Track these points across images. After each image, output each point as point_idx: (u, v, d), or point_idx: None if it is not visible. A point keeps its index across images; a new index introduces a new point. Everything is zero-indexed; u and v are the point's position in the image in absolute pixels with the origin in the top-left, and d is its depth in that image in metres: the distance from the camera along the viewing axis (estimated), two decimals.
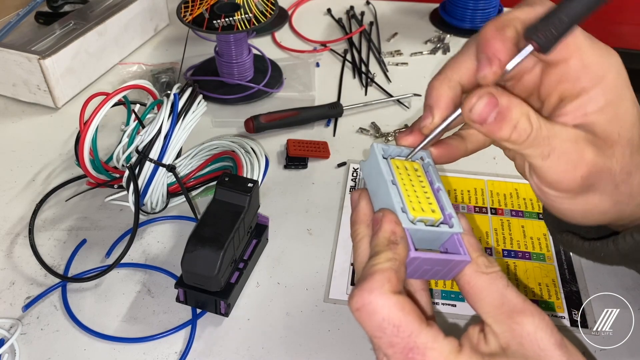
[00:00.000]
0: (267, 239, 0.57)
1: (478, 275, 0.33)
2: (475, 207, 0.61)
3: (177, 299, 0.50)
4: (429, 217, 0.34)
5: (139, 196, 0.55)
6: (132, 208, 0.55)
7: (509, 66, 0.34)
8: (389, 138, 0.71)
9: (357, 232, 0.35)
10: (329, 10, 0.99)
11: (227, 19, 0.72)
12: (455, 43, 0.91)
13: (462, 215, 0.36)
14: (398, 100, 0.78)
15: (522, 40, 0.34)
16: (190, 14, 0.74)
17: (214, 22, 0.72)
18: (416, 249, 0.33)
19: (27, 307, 0.51)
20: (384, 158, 0.36)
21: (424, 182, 0.37)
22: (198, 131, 0.60)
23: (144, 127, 0.57)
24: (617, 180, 0.36)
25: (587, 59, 0.35)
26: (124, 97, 0.57)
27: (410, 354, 0.29)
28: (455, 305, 0.52)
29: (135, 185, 0.54)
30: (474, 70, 0.36)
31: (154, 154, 0.54)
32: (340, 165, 0.67)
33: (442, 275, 0.35)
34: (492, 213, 0.61)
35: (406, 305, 0.30)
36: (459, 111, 0.35)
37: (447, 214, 0.35)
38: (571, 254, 0.56)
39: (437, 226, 0.35)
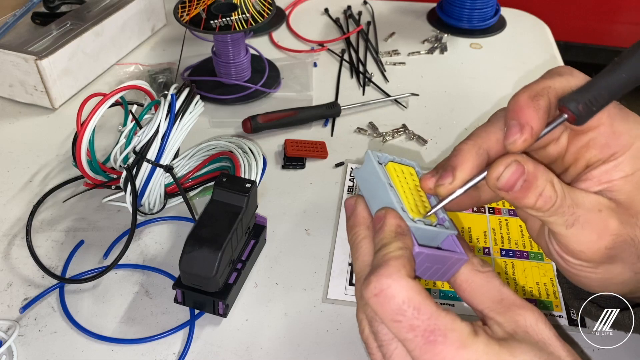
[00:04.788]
0: (265, 240, 0.57)
1: (475, 274, 0.34)
2: None
3: (175, 300, 0.50)
4: (427, 219, 0.35)
5: (137, 197, 0.55)
6: (130, 209, 0.55)
7: (539, 136, 0.33)
8: (387, 138, 0.71)
9: (358, 234, 0.36)
10: (326, 10, 0.99)
11: (224, 19, 0.72)
12: (453, 42, 0.91)
13: (451, 220, 0.37)
14: (396, 100, 0.78)
15: (554, 109, 0.34)
16: (187, 14, 0.74)
17: (211, 22, 0.72)
18: (420, 245, 0.33)
19: (24, 308, 0.51)
20: (379, 163, 0.37)
21: (419, 186, 0.37)
22: (195, 132, 0.60)
23: (141, 127, 0.57)
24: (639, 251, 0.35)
25: (617, 127, 0.35)
26: (121, 97, 0.57)
27: (431, 336, 0.29)
28: (453, 305, 0.52)
29: (133, 186, 0.54)
30: (502, 141, 0.35)
31: (151, 154, 0.54)
32: (338, 165, 0.67)
33: (440, 275, 0.35)
34: (489, 212, 0.61)
35: (422, 290, 0.30)
36: (480, 176, 0.34)
37: (440, 217, 0.36)
38: None
39: (435, 226, 0.35)
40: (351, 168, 0.67)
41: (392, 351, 0.32)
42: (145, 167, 0.54)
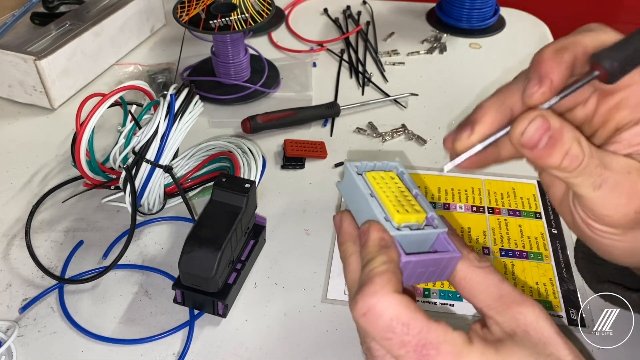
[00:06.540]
0: (265, 240, 0.57)
1: (473, 270, 0.34)
2: (472, 206, 0.61)
3: (175, 300, 0.50)
4: (413, 222, 0.35)
5: (136, 197, 0.55)
6: (129, 209, 0.55)
7: (566, 92, 0.31)
8: (386, 138, 0.71)
9: (346, 250, 0.35)
10: (325, 10, 0.99)
11: (223, 19, 0.72)
12: (452, 42, 0.91)
13: (442, 217, 0.36)
14: (395, 100, 0.78)
15: (582, 66, 0.32)
16: (186, 14, 0.74)
17: (211, 22, 0.72)
18: (407, 254, 0.33)
19: (24, 309, 0.51)
20: (358, 174, 0.37)
21: (402, 187, 0.37)
22: (195, 132, 0.59)
23: (140, 128, 0.57)
24: None
25: None
26: (121, 97, 0.57)
27: (424, 350, 0.29)
28: (452, 305, 0.52)
29: (132, 186, 0.54)
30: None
31: (150, 154, 0.54)
32: (337, 165, 0.67)
33: (437, 275, 0.35)
34: (489, 212, 0.61)
35: (411, 304, 0.30)
36: (501, 132, 0.33)
37: (429, 216, 0.35)
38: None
39: (422, 228, 0.35)
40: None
41: None
42: (145, 168, 0.54)
